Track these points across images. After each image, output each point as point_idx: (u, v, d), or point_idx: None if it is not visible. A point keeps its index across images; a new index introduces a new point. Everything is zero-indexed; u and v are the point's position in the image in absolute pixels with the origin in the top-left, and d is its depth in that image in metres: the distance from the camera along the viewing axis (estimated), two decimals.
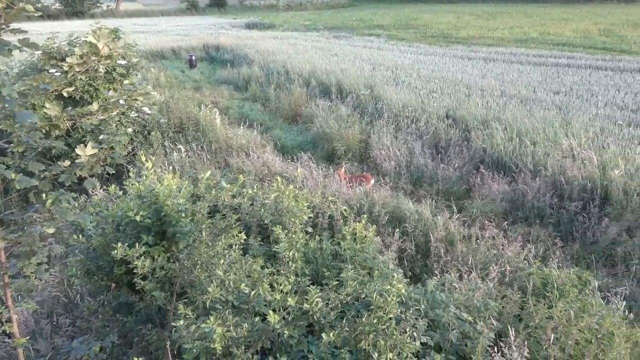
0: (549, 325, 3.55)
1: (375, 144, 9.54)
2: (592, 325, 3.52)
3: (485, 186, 7.62)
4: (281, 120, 13.00)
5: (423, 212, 5.97)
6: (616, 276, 5.56)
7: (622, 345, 3.43)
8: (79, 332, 4.34)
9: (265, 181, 6.59)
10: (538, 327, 3.64)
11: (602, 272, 5.61)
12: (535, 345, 3.52)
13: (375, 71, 16.03)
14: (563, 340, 3.47)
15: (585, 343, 3.47)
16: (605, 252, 6.04)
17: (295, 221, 4.42)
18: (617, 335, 3.46)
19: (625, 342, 3.47)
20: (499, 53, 20.83)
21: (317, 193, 5.72)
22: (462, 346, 3.33)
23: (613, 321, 3.57)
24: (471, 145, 9.03)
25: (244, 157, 8.28)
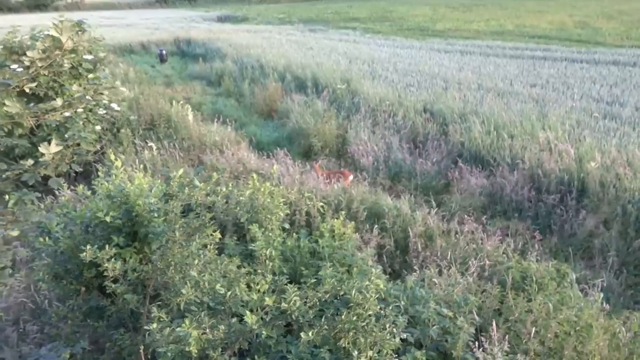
0: (528, 318, 3.62)
1: (353, 139, 9.56)
2: (570, 318, 3.60)
3: (464, 180, 7.71)
4: (256, 116, 12.93)
5: (402, 207, 6.01)
6: (594, 268, 5.70)
7: (600, 337, 3.51)
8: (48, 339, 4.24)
9: (241, 179, 6.54)
10: (518, 320, 3.70)
11: (580, 265, 5.74)
12: (515, 339, 3.58)
13: (351, 65, 16.08)
14: (542, 334, 3.53)
15: (564, 335, 3.54)
16: (582, 245, 6.18)
17: (271, 218, 4.41)
18: (595, 327, 3.55)
19: (603, 334, 3.56)
20: (475, 46, 21.10)
21: (294, 189, 5.70)
22: (443, 342, 3.37)
23: (591, 313, 3.65)
24: (449, 140, 9.12)
25: (218, 154, 8.21)
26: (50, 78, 8.02)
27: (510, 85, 12.63)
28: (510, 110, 9.89)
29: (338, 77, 13.63)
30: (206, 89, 16.62)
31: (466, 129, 9.15)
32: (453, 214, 6.54)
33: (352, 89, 12.58)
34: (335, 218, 4.92)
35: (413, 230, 5.47)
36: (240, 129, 10.94)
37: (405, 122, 10.04)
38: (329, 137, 9.89)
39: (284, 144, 10.16)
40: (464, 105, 10.46)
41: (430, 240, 5.48)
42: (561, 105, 10.31)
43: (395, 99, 11.26)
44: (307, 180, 6.91)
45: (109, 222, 3.78)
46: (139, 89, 13.12)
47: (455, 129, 9.29)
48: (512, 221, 6.72)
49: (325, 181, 7.16)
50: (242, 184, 5.96)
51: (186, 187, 4.27)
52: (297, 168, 7.40)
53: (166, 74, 19.60)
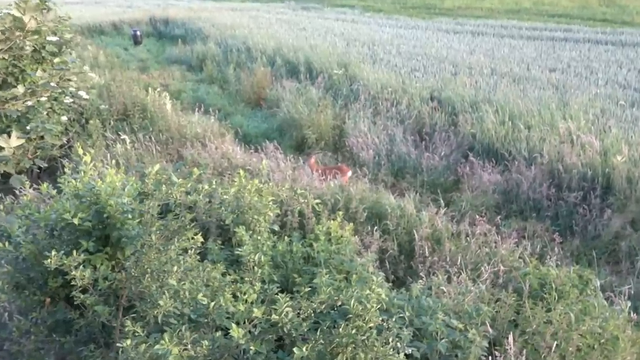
0: (547, 330, 3.64)
1: (351, 131, 9.57)
2: (594, 329, 3.61)
3: (476, 176, 7.74)
4: (242, 105, 12.93)
5: (406, 207, 6.02)
6: (620, 274, 5.73)
7: (627, 350, 3.53)
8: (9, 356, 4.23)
9: (225, 175, 6.54)
10: (536, 332, 3.72)
11: (604, 270, 5.77)
12: (534, 353, 3.60)
13: (349, 47, 16.08)
14: (563, 347, 3.55)
15: (587, 349, 3.56)
16: (608, 248, 6.21)
17: (260, 219, 4.41)
18: (622, 340, 3.57)
19: (631, 347, 3.58)
20: (488, 26, 21.15)
21: (285, 187, 5.70)
22: (453, 357, 3.38)
23: (617, 324, 3.67)
24: (459, 131, 9.15)
25: (199, 148, 8.20)
26: (9, 62, 7.97)
27: (527, 70, 12.67)
28: (527, 98, 9.92)
29: (334, 61, 13.63)
30: (186, 74, 16.58)
31: (478, 119, 9.18)
32: (463, 214, 6.56)
33: (350, 75, 12.58)
34: (331, 219, 4.92)
35: (419, 232, 5.48)
36: (225, 120, 10.94)
37: (410, 112, 10.06)
38: (324, 128, 9.89)
39: (274, 136, 10.14)
40: (475, 93, 10.49)
41: (438, 244, 5.49)
42: (584, 92, 10.35)
43: (398, 86, 11.28)
44: (300, 176, 6.92)
45: (77, 225, 3.77)
46: (110, 75, 13.07)
47: (465, 119, 9.31)
48: (529, 222, 6.75)
49: (320, 178, 7.17)
50: (227, 181, 5.95)
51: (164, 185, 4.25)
52: (289, 163, 7.40)
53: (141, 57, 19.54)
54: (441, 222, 5.77)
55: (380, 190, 6.90)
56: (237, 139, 9.70)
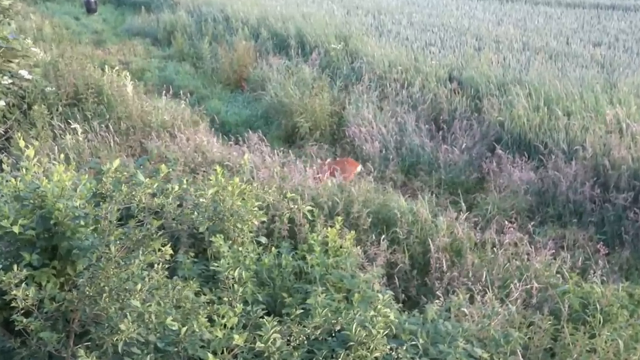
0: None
1: (353, 118, 9.56)
2: None
3: (504, 174, 7.75)
4: (220, 87, 12.90)
5: (419, 211, 6.03)
6: None
7: None
8: None
9: (199, 173, 6.52)
10: None
11: None
12: None
13: (350, 17, 16.08)
14: None
15: None
16: None
17: (242, 228, 4.41)
18: None
19: None
20: None
21: (272, 188, 5.70)
22: None
23: None
24: (484, 118, 9.16)
25: (167, 139, 8.18)
26: None
27: (567, 45, 12.69)
28: (567, 79, 9.93)
29: (332, 33, 13.61)
30: (151, 49, 16.53)
31: (507, 104, 9.19)
32: (489, 220, 6.57)
33: (351, 50, 12.57)
34: (329, 226, 4.93)
35: (435, 242, 5.49)
36: (198, 105, 10.89)
37: (424, 95, 10.07)
38: (320, 115, 9.88)
39: (259, 125, 10.13)
40: (503, 72, 10.49)
41: (458, 256, 5.50)
42: (635, 72, 10.37)
43: (410, 64, 11.28)
44: (290, 174, 6.91)
45: (17, 234, 3.76)
46: (58, 50, 13.00)
47: (491, 104, 9.32)
48: (568, 229, 6.76)
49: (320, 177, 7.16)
50: (201, 180, 5.94)
51: (124, 185, 4.25)
52: (277, 158, 7.39)
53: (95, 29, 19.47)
54: (462, 230, 5.77)
55: (388, 191, 6.90)
56: (213, 129, 9.66)
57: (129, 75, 10.83)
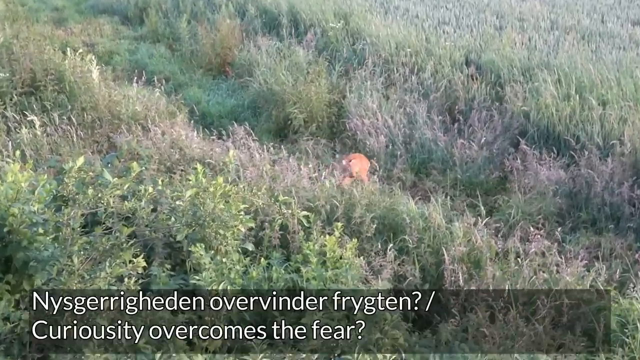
0: None
1: (354, 109, 9.57)
2: None
3: (529, 173, 7.75)
4: (200, 73, 12.88)
5: (432, 215, 6.05)
6: None
7: None
8: None
9: (177, 172, 6.53)
10: None
11: None
12: None
13: None
14: None
15: None
16: None
17: (226, 235, 4.43)
18: None
19: None
20: None
21: (262, 189, 5.73)
22: None
23: None
24: (506, 108, 9.18)
25: (139, 133, 8.17)
26: None
27: (602, 23, 12.68)
28: (602, 62, 9.95)
29: (330, 10, 13.58)
30: (120, 29, 16.46)
31: (532, 92, 9.21)
32: (512, 226, 6.59)
33: (352, 30, 12.56)
34: (327, 233, 4.94)
35: (450, 251, 5.51)
36: (176, 93, 10.85)
37: (437, 82, 10.09)
38: (316, 105, 9.87)
39: (245, 117, 10.15)
40: (528, 55, 10.50)
41: (476, 268, 5.52)
42: None
43: (420, 45, 11.28)
44: (283, 173, 6.92)
45: None
46: (11, 30, 12.94)
47: (515, 91, 9.34)
48: (604, 236, 6.76)
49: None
50: (178, 180, 5.96)
51: (90, 187, 4.28)
52: (267, 154, 7.41)
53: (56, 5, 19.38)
54: (481, 237, 5.79)
55: (395, 193, 6.92)
56: (192, 121, 9.64)
57: (95, 59, 10.77)
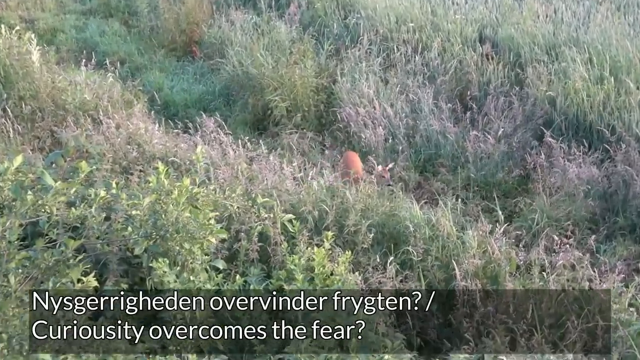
0: None
1: (347, 95, 9.56)
2: None
3: (556, 170, 7.75)
4: (162, 53, 12.87)
5: (440, 222, 6.04)
6: None
7: None
8: None
9: (134, 173, 6.51)
10: None
11: None
12: None
13: None
14: None
15: None
16: None
17: (194, 249, 4.40)
18: None
19: None
20: None
21: (237, 192, 5.70)
22: None
23: None
24: (528, 94, 9.20)
25: (89, 126, 8.14)
26: None
27: None
28: None
29: None
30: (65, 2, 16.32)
31: (559, 74, 9.21)
32: (536, 234, 6.58)
33: (344, 1, 12.50)
34: (315, 245, 4.92)
35: (462, 265, 5.50)
36: (133, 78, 10.87)
37: (445, 63, 10.11)
38: (301, 91, 9.85)
39: (216, 106, 10.18)
40: (554, 30, 10.50)
41: (494, 284, 5.51)
42: None
43: (425, 19, 11.27)
44: (262, 173, 6.90)
45: None
46: None
47: (538, 73, 9.35)
48: None
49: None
50: (136, 183, 5.93)
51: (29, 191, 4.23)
52: (242, 151, 7.39)
53: None
54: (499, 248, 5.78)
55: (396, 195, 6.92)
56: (153, 111, 9.63)
57: (35, 38, 10.72)
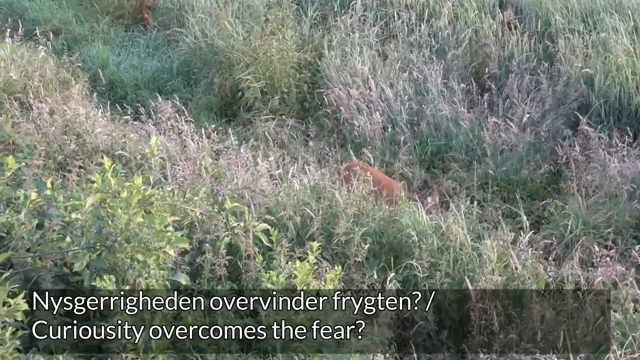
0: None
1: (336, 73, 9.57)
2: None
3: (594, 165, 7.77)
4: (106, 22, 12.85)
5: (451, 230, 6.05)
6: None
7: None
8: None
9: (73, 169, 6.50)
10: None
11: None
12: None
13: None
14: None
15: None
16: None
17: (147, 262, 4.39)
18: None
19: None
20: None
21: (201, 193, 5.69)
22: None
23: None
24: (559, 72, 9.23)
25: (16, 112, 8.12)
26: None
27: None
28: None
29: None
30: None
31: (598, 47, 9.24)
32: (570, 244, 6.60)
33: None
34: (297, 258, 4.92)
35: (478, 283, 5.51)
36: (70, 53, 10.86)
37: (458, 33, 10.16)
38: (279, 68, 9.85)
39: (174, 87, 10.24)
40: None
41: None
42: None
43: None
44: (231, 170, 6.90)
45: None
46: None
47: (572, 46, 9.39)
48: None
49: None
50: (76, 182, 5.92)
51: None
52: (207, 143, 7.38)
53: None
54: (524, 262, 5.80)
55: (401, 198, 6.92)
56: (95, 94, 9.60)
57: None
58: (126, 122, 8.13)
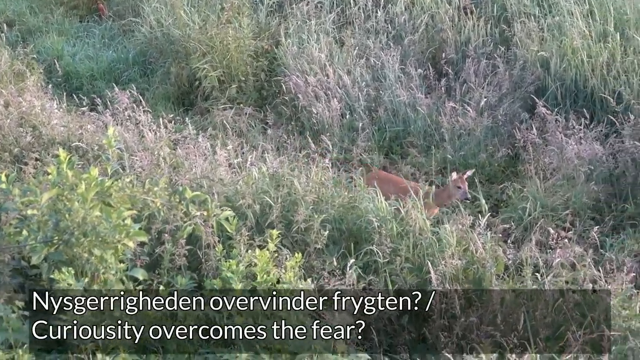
0: None
1: (293, 61, 9.57)
2: None
3: (551, 148, 7.80)
4: (61, 12, 12.78)
5: (411, 215, 6.05)
6: None
7: None
8: None
9: (29, 162, 6.45)
10: None
11: None
12: None
13: None
14: None
15: None
16: None
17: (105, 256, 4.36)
18: None
19: None
20: None
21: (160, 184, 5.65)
22: None
23: None
24: (516, 55, 9.30)
25: None
26: None
27: None
28: None
29: None
30: None
31: (553, 30, 9.28)
32: (528, 227, 6.63)
33: None
34: (257, 246, 4.91)
35: (438, 267, 5.52)
36: (24, 44, 10.80)
37: (415, 19, 10.17)
38: (236, 57, 9.83)
39: (131, 77, 10.21)
40: None
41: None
42: None
43: None
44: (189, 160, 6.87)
45: None
46: None
47: (527, 30, 9.43)
48: None
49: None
50: (32, 175, 5.88)
51: None
52: (165, 132, 7.35)
53: None
54: (483, 245, 5.81)
55: (356, 183, 6.93)
56: (51, 85, 9.54)
57: None
58: (83, 114, 8.09)
